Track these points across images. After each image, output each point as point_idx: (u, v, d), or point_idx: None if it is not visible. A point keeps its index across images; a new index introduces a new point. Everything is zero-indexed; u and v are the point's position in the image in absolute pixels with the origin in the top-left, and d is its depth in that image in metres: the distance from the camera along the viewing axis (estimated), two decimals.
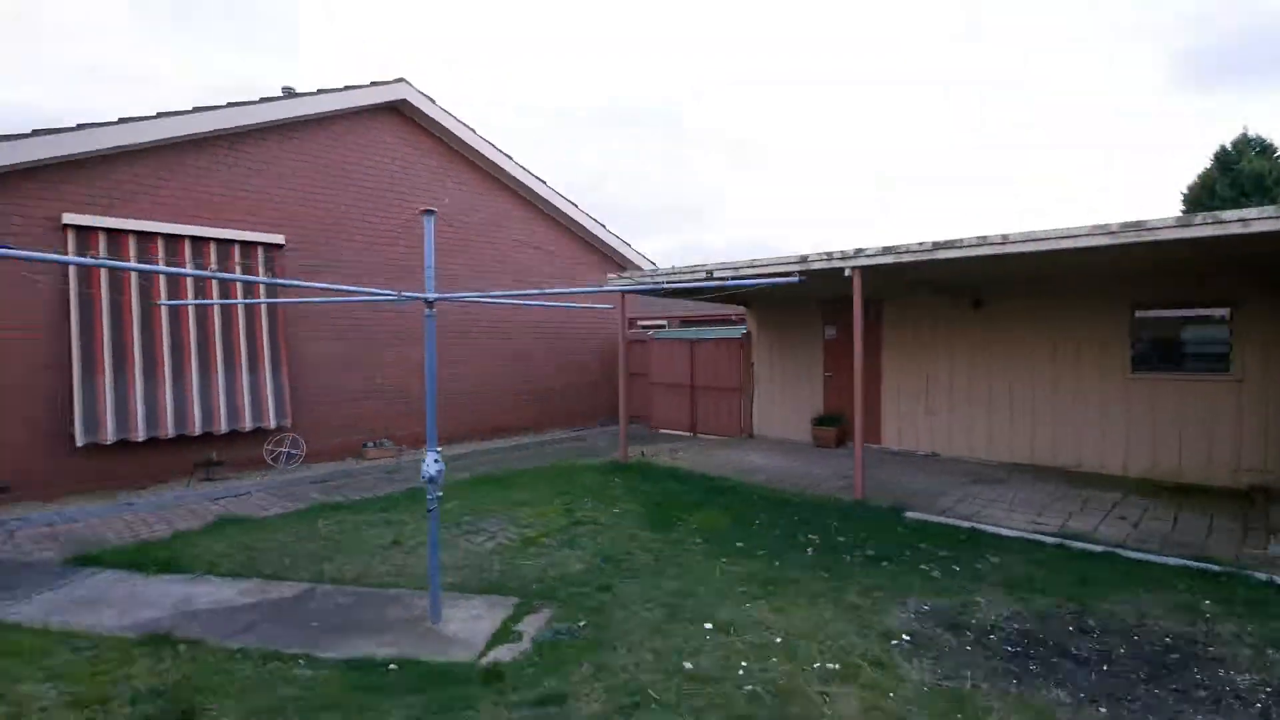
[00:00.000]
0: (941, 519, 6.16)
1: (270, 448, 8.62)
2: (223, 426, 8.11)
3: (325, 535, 6.03)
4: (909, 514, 6.35)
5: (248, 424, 8.28)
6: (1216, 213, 4.73)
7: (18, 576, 5.04)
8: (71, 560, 5.39)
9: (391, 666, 3.58)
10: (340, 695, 3.27)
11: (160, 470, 7.82)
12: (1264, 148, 25.58)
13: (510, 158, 11.24)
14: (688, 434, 12.20)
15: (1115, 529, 5.82)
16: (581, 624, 4.07)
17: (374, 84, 9.62)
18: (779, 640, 3.80)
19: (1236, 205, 24.56)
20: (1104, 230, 5.21)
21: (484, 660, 3.65)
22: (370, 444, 9.54)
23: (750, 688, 3.29)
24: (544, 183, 11.79)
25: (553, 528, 6.16)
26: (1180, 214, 4.84)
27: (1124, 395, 7.87)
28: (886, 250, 6.51)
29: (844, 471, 8.30)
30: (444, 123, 10.33)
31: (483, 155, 10.91)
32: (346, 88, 9.30)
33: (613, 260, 13.13)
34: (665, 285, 8.43)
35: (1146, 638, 3.80)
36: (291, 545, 5.74)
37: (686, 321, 14.84)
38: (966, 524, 5.98)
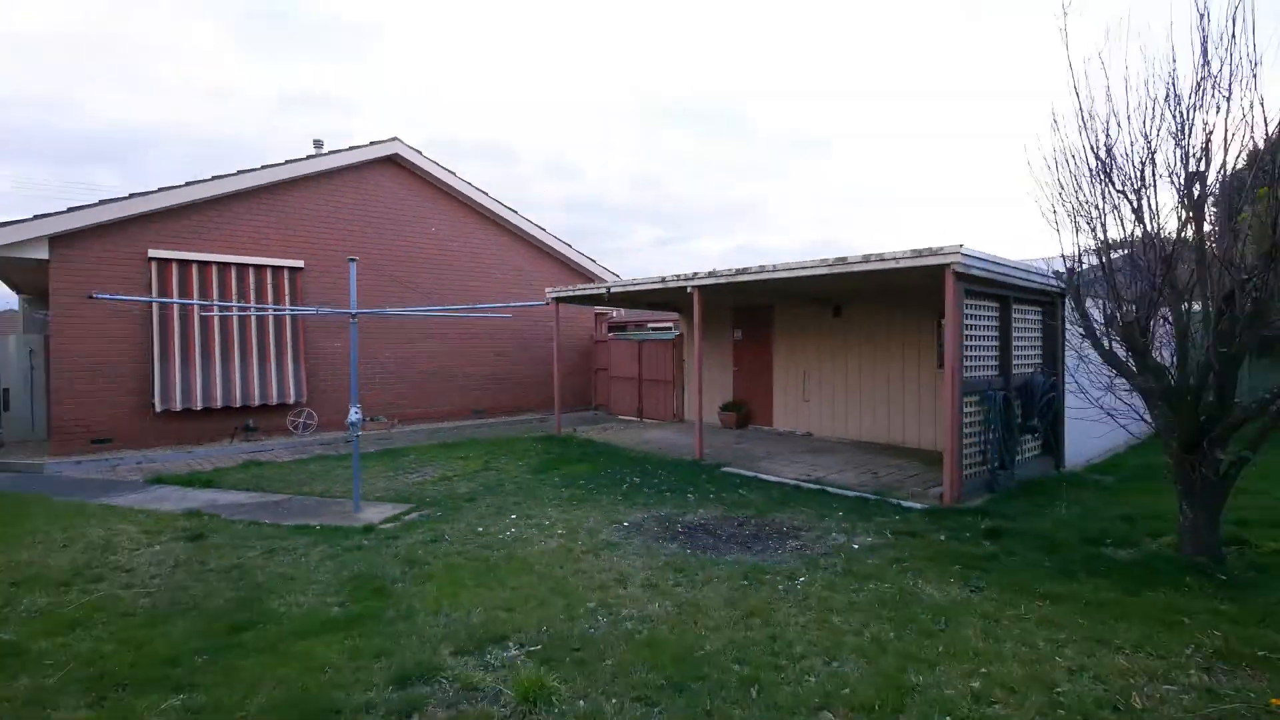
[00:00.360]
0: (743, 472, 8.45)
1: (291, 418, 11.58)
2: (256, 401, 11.10)
3: (312, 472, 8.83)
4: (724, 469, 8.67)
5: (274, 400, 11.26)
6: (880, 252, 6.91)
7: (120, 487, 8.02)
8: (149, 480, 8.36)
9: (317, 527, 6.25)
10: (282, 536, 5.95)
11: (213, 431, 10.85)
12: None
13: (486, 193, 13.97)
14: (635, 418, 14.66)
15: (858, 479, 7.99)
16: (438, 514, 6.66)
17: (373, 143, 12.50)
18: (548, 523, 6.27)
19: None
20: (824, 263, 7.44)
21: (368, 526, 6.27)
22: (369, 419, 12.41)
23: (507, 536, 5.79)
24: (515, 212, 14.47)
25: (466, 471, 8.78)
26: (864, 255, 7.02)
27: (931, 385, 9.90)
28: (711, 274, 8.84)
29: (716, 444, 10.61)
30: (430, 170, 13.14)
31: (462, 193, 13.67)
32: (352, 147, 12.21)
33: (580, 274, 15.70)
34: (577, 293, 10.93)
35: (777, 527, 6.09)
36: (288, 476, 8.55)
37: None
38: (753, 474, 8.26)
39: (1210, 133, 4.52)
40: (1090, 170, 5.14)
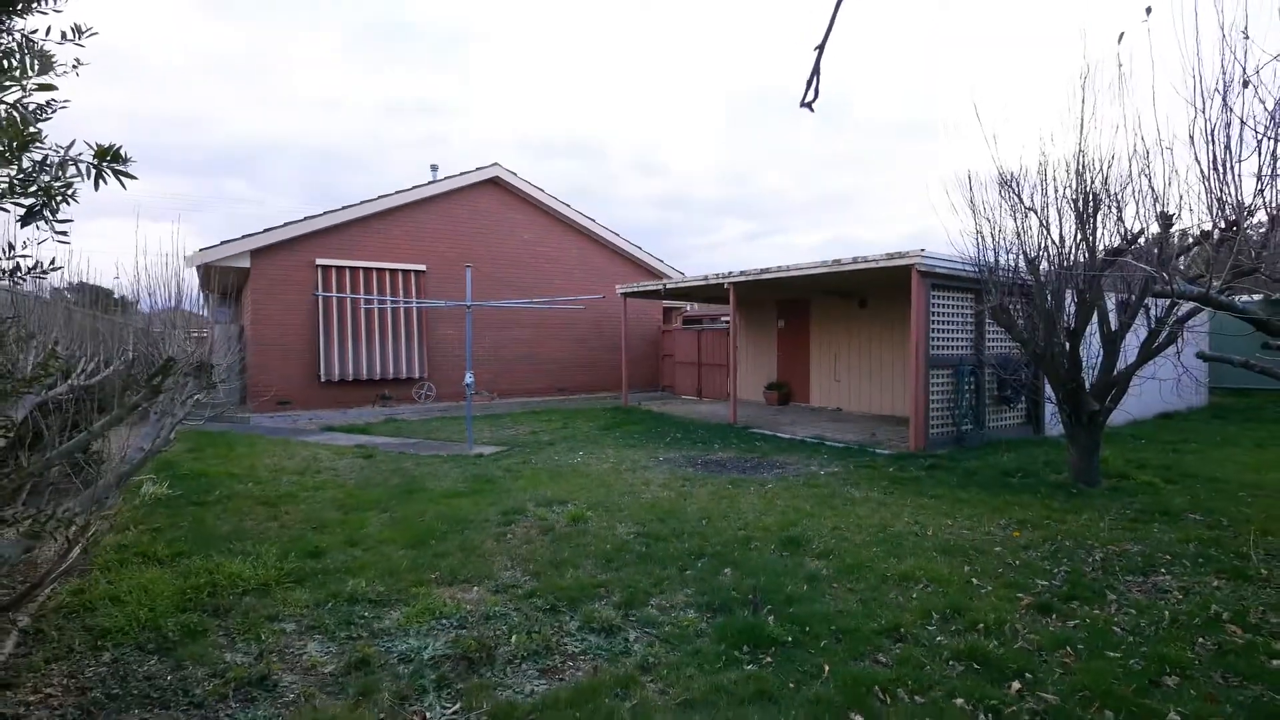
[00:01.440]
0: (765, 431, 10.51)
1: (416, 389, 14.61)
2: (390, 375, 14.18)
3: (434, 427, 11.67)
4: (751, 430, 10.75)
5: (404, 374, 14.31)
6: (865, 255, 8.78)
7: (304, 432, 11.13)
8: (322, 429, 11.45)
9: (445, 455, 8.92)
10: (423, 459, 8.65)
11: (359, 399, 14.01)
12: None
13: (568, 205, 16.57)
14: (695, 397, 16.86)
15: (856, 437, 9.87)
16: (527, 451, 9.19)
17: (478, 169, 15.35)
18: (604, 457, 8.64)
19: None
20: (824, 264, 9.37)
21: (479, 455, 8.88)
22: (475, 392, 15.27)
23: (574, 461, 8.22)
24: (594, 220, 16.99)
25: (549, 428, 11.33)
26: (853, 256, 8.91)
27: None
28: (743, 274, 10.92)
29: (754, 415, 12.66)
30: (523, 188, 15.88)
31: (549, 206, 16.33)
32: (461, 173, 15.11)
33: (649, 272, 18.03)
34: (640, 289, 13.25)
35: (773, 463, 8.17)
36: (418, 429, 11.42)
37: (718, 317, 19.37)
38: (773, 434, 10.31)
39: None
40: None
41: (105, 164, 2.12)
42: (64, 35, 2.12)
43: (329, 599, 3.90)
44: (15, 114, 2.08)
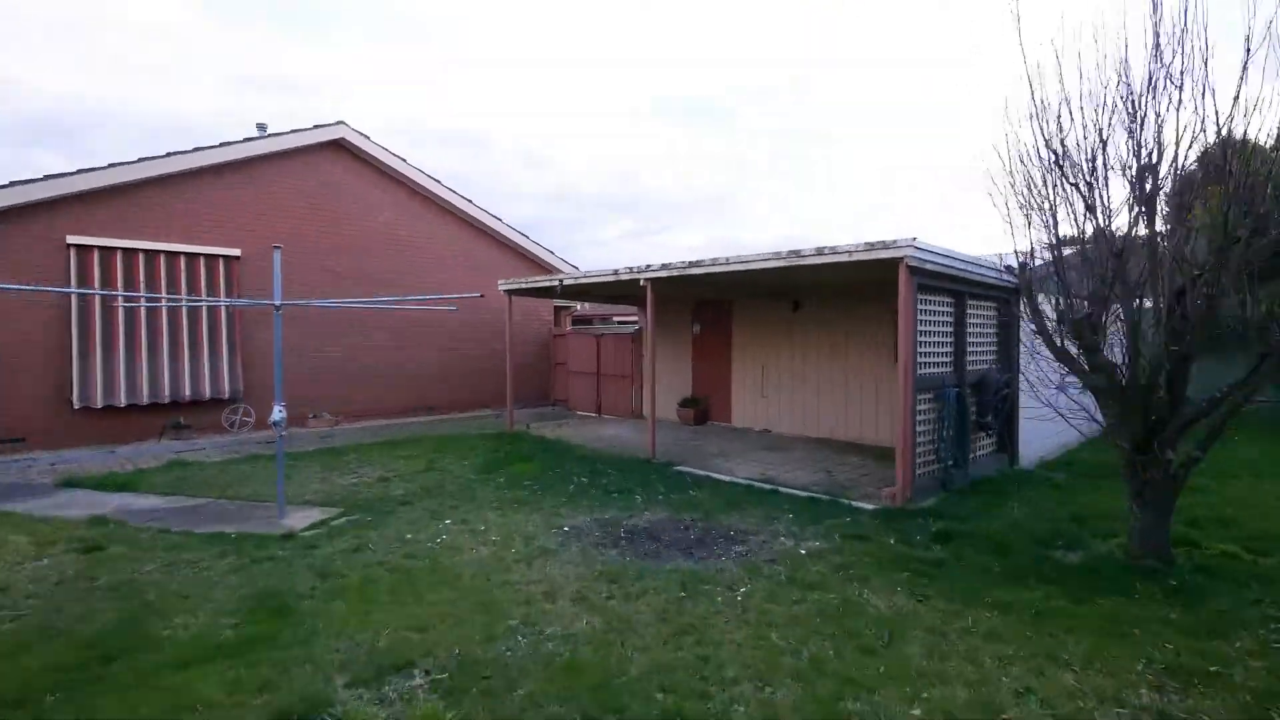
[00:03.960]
0: (696, 470, 8.19)
1: (227, 415, 10.98)
2: (187, 396, 10.48)
3: (241, 474, 8.31)
4: (677, 468, 8.39)
5: (207, 394, 10.65)
6: (834, 245, 6.68)
7: (22, 492, 7.41)
8: (59, 483, 7.76)
9: (232, 535, 5.79)
10: (191, 546, 5.49)
11: (138, 429, 10.21)
12: None
13: (439, 181, 13.47)
14: (594, 414, 14.33)
15: (811, 477, 7.78)
16: (367, 519, 6.24)
17: (317, 126, 11.90)
18: (483, 529, 5.91)
19: None
20: (777, 256, 7.18)
21: (288, 533, 5.84)
22: (312, 415, 11.86)
23: (436, 544, 5.42)
24: (471, 201, 13.99)
25: (406, 471, 8.35)
26: (817, 247, 6.78)
27: (888, 382, 9.76)
28: (664, 266, 8.54)
29: (671, 441, 10.34)
30: (378, 155, 12.59)
31: (414, 180, 13.14)
32: (294, 130, 11.59)
33: (539, 266, 15.28)
34: (529, 286, 10.58)
35: (724, 531, 5.81)
36: (214, 478, 8.03)
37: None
38: (706, 474, 8.00)
39: (1162, 123, 4.36)
40: (1043, 161, 4.96)
41: None
42: None
43: None
44: None
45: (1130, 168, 4.56)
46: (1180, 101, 4.22)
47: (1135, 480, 4.91)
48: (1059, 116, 4.79)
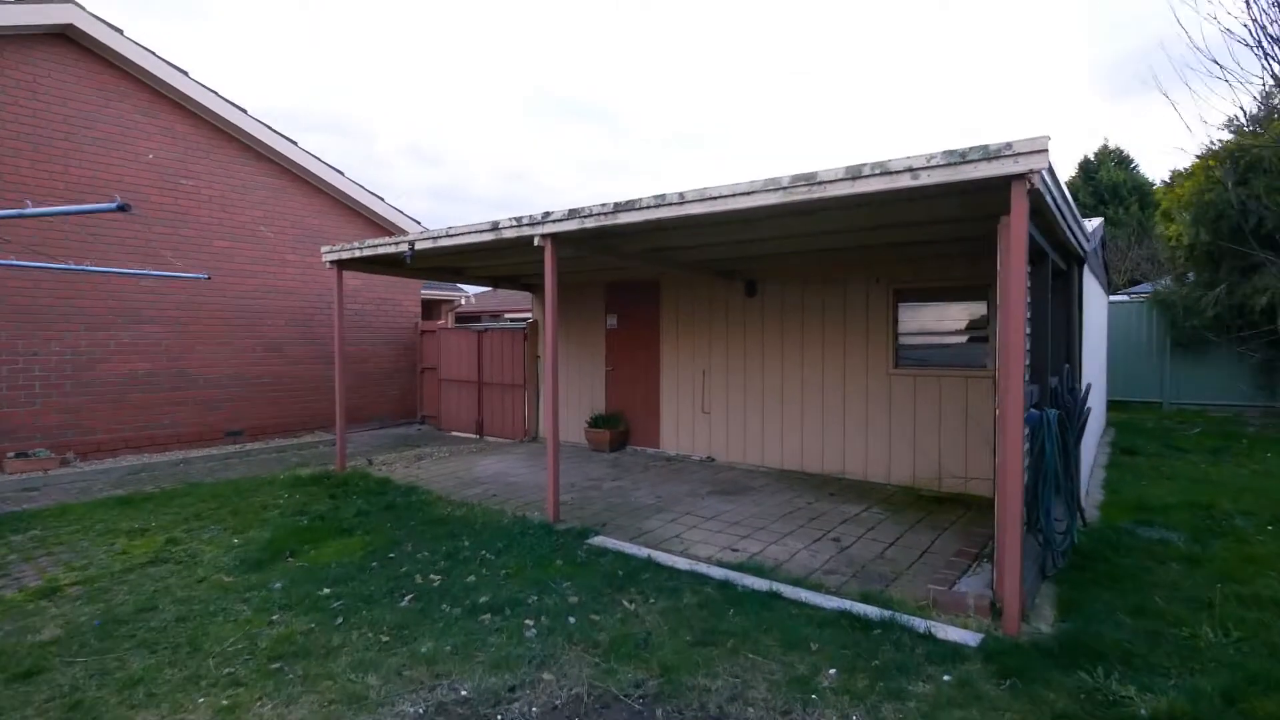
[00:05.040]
0: (626, 547, 5.01)
1: None
2: None
3: None
4: (594, 539, 5.18)
5: None
6: (884, 162, 3.75)
7: None
8: None
9: None
10: None
11: None
12: (1121, 159, 26.88)
13: (244, 111, 9.47)
14: (474, 436, 10.81)
15: (815, 556, 4.83)
16: None
17: (34, 1, 7.67)
18: None
19: (1095, 212, 25.50)
20: (776, 185, 4.15)
21: None
22: (15, 454, 7.62)
23: None
24: (295, 144, 10.07)
25: (110, 570, 4.61)
26: (848, 165, 3.79)
27: (885, 393, 7.04)
28: (572, 214, 5.29)
29: (582, 481, 7.12)
30: (139, 60, 8.46)
31: (204, 105, 9.09)
32: None
33: (383, 227, 11.52)
34: (366, 253, 7.02)
35: None
36: None
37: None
38: (644, 554, 4.84)
39: None
40: None
41: None
42: None
43: None
44: None
45: None
46: None
47: None
48: None
